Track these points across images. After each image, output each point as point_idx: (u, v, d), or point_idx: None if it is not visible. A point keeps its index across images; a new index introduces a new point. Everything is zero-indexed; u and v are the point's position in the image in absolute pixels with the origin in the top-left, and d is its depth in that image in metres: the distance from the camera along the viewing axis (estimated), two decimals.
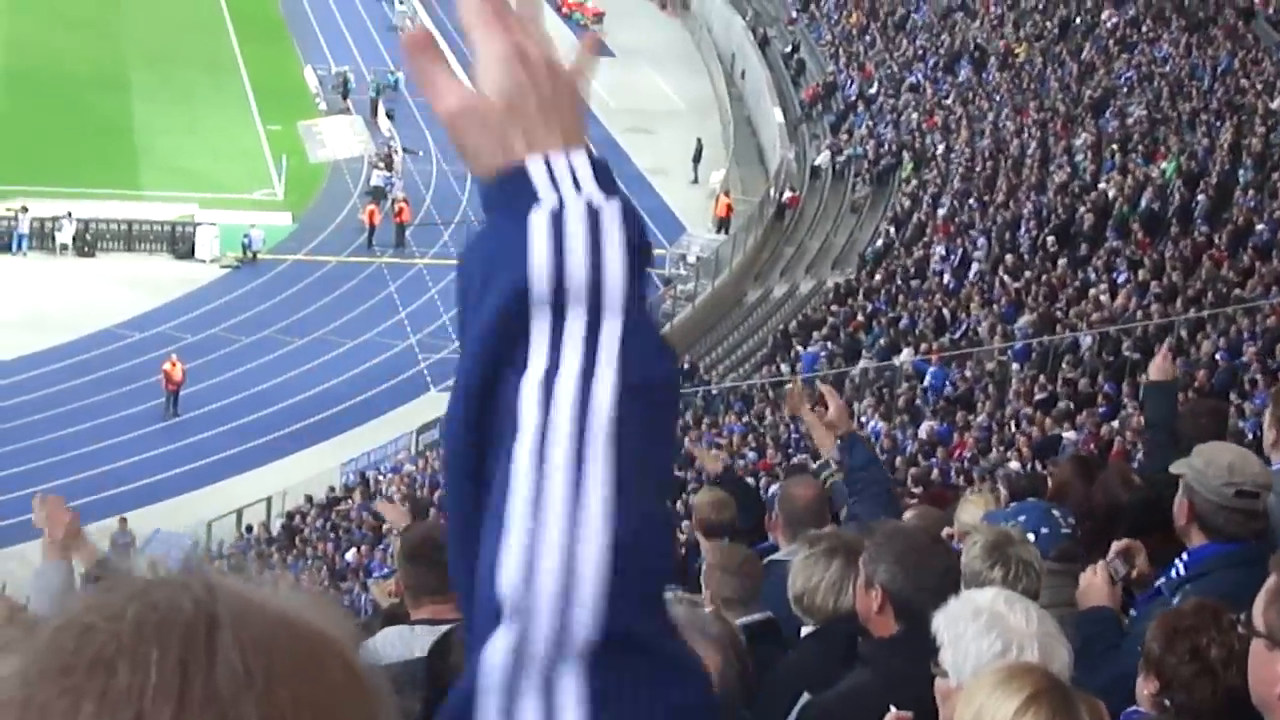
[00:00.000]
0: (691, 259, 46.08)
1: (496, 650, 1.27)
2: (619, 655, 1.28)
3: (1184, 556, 5.27)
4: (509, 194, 1.48)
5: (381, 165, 52.75)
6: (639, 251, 1.43)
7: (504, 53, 1.59)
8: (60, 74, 56.88)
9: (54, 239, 46.19)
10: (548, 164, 1.48)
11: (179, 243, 47.33)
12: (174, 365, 38.59)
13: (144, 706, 1.05)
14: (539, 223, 1.42)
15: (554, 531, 1.29)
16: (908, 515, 7.75)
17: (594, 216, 1.42)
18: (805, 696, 4.74)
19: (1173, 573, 5.25)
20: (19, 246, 45.86)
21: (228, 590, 1.14)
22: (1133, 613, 5.44)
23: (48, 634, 1.12)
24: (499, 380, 1.38)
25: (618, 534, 1.30)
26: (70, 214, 46.22)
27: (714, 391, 35.32)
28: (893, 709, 4.17)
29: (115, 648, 1.08)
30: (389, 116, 57.32)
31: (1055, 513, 6.17)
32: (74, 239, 46.15)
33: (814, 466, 12.06)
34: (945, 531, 6.82)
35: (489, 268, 1.42)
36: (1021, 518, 6.03)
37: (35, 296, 43.26)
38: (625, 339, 1.38)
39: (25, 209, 45.99)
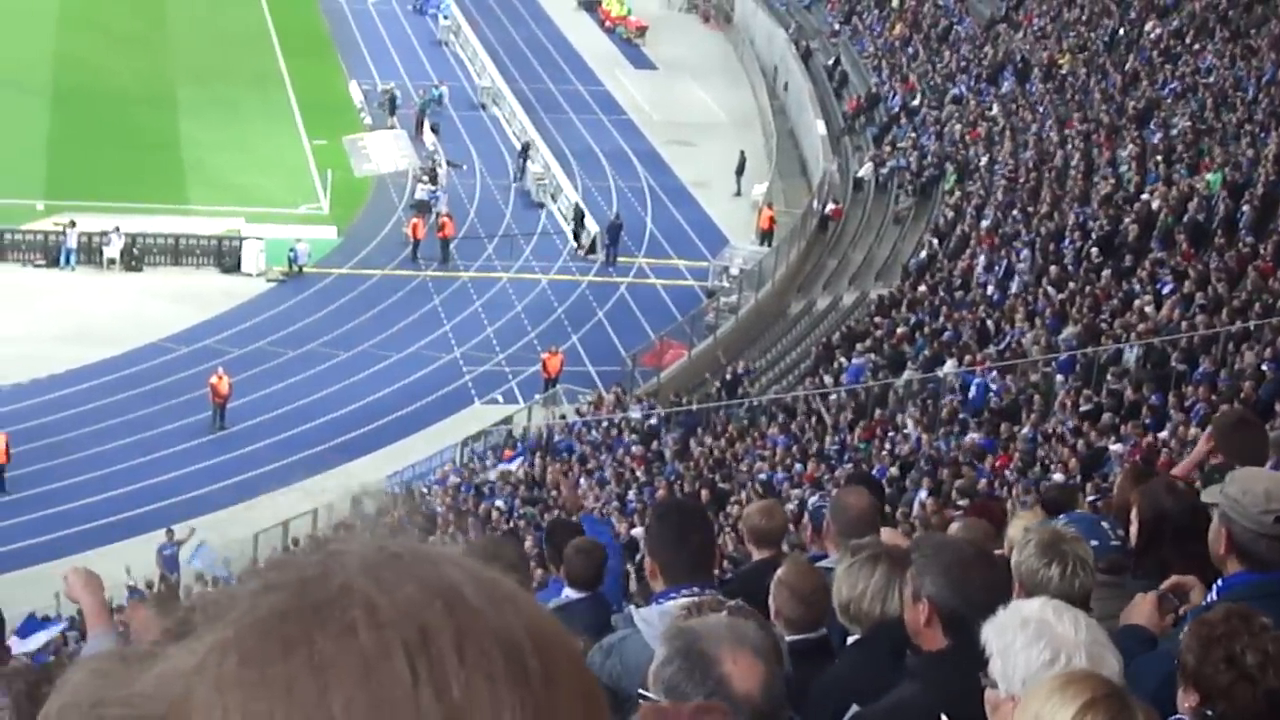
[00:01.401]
0: (735, 271, 46.13)
1: None
2: None
3: (1218, 583, 5.27)
4: None
5: (426, 179, 52.92)
6: None
7: None
8: (108, 90, 57.33)
9: (102, 253, 46.55)
10: None
11: (225, 257, 47.62)
12: (220, 378, 38.83)
13: (421, 619, 1.11)
14: None
15: None
16: (954, 527, 7.79)
17: None
18: (854, 708, 4.77)
19: (1206, 601, 5.24)
20: (67, 261, 46.24)
21: (416, 546, 1.20)
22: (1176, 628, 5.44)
23: (254, 598, 1.15)
24: None
25: None
26: (118, 229, 46.57)
27: (757, 403, 35.34)
28: (943, 717, 4.21)
29: (359, 582, 1.13)
30: (434, 131, 57.53)
31: (1104, 524, 6.17)
32: (122, 253, 46.49)
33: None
34: (998, 551, 6.83)
35: None
36: (1071, 530, 6.03)
37: (83, 310, 43.61)
38: None
39: (73, 224, 46.37)
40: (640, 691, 3.88)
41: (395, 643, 1.10)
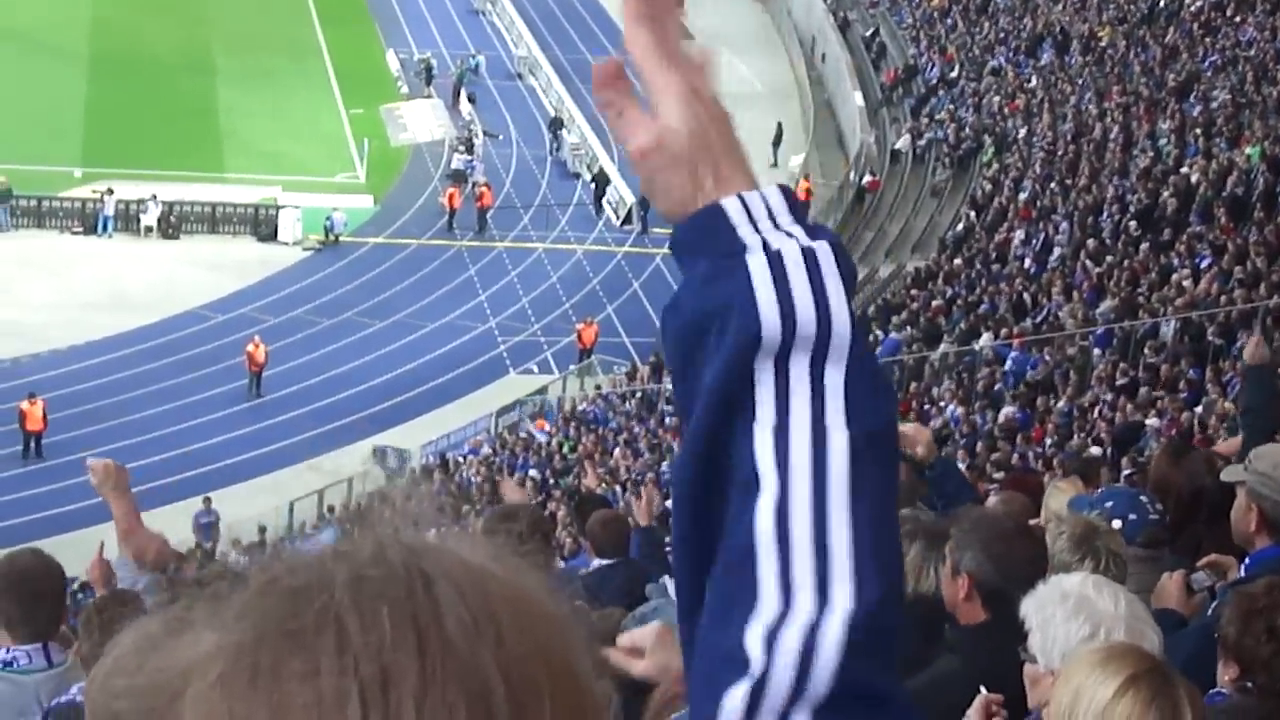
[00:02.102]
0: None
1: (735, 696, 1.30)
2: (853, 704, 1.31)
3: (1246, 561, 5.23)
4: (710, 236, 1.49)
5: (462, 149, 52.95)
6: (851, 290, 1.44)
7: (681, 91, 1.63)
8: (146, 58, 57.47)
9: (139, 221, 46.74)
10: (743, 203, 1.50)
11: (262, 225, 47.75)
12: (257, 347, 38.98)
13: (385, 660, 1.06)
14: (759, 268, 1.43)
15: (801, 612, 1.32)
16: (991, 501, 7.76)
17: (810, 259, 1.43)
18: None
19: (1238, 576, 5.20)
20: (105, 228, 46.45)
21: (426, 546, 1.16)
22: (1215, 602, 5.42)
23: (249, 600, 1.13)
24: (731, 430, 1.39)
25: (860, 605, 1.32)
26: (155, 196, 46.74)
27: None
28: (982, 690, 4.19)
29: (340, 606, 1.09)
30: (470, 100, 57.52)
31: (1143, 498, 6.14)
32: (159, 221, 46.68)
33: None
34: (1033, 521, 6.81)
35: (714, 316, 1.42)
36: (1109, 503, 5.99)
37: (120, 278, 43.82)
38: (850, 385, 1.40)
39: (111, 191, 46.56)
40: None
41: (352, 690, 1.06)
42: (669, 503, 8.42)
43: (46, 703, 5.08)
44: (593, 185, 51.57)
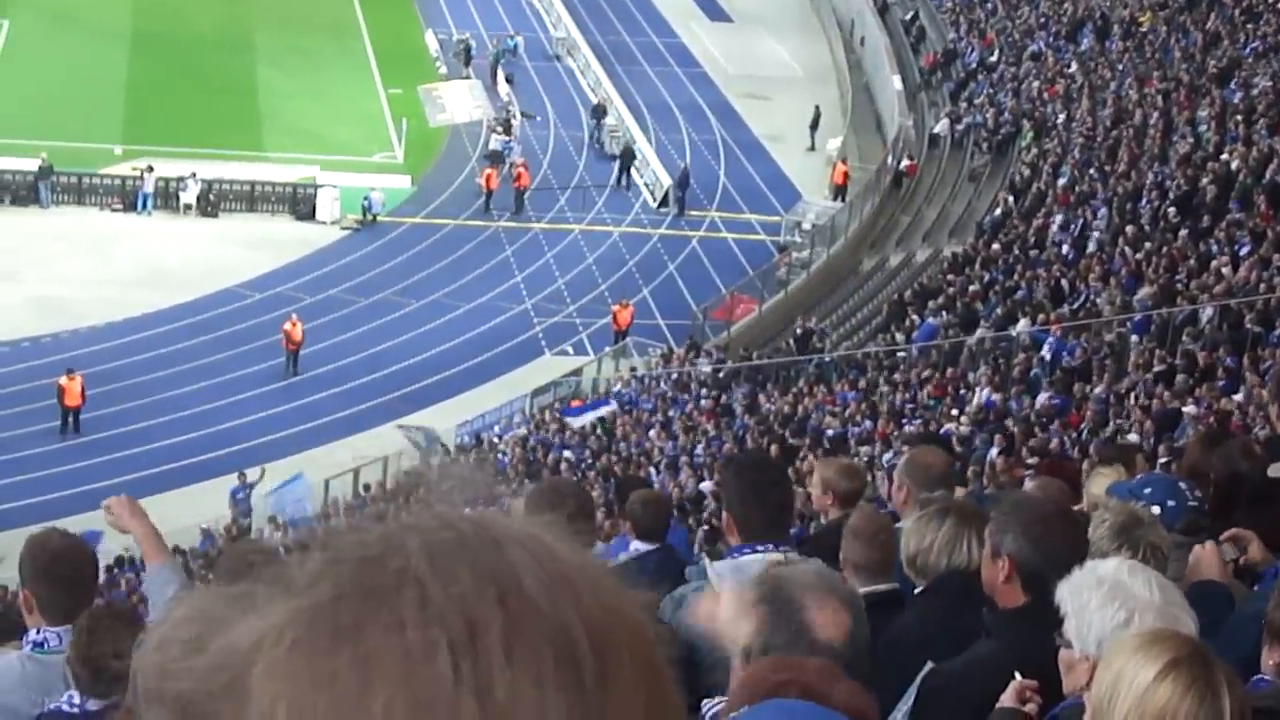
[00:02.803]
0: (807, 226, 45.98)
1: None
2: None
3: None
4: None
5: (500, 130, 52.97)
6: None
7: None
8: (187, 37, 57.63)
9: (178, 199, 46.92)
10: None
11: (300, 204, 47.88)
12: (294, 325, 39.12)
13: (470, 612, 1.08)
14: None
15: None
16: (1029, 486, 7.76)
17: None
18: (928, 665, 4.77)
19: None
20: (144, 206, 46.63)
21: (489, 517, 1.18)
22: (1256, 588, 5.41)
23: (320, 569, 1.15)
24: None
25: None
26: (195, 175, 46.91)
27: (828, 359, 35.27)
28: (1016, 676, 4.21)
29: (417, 568, 1.10)
30: (508, 81, 57.54)
31: (1182, 485, 6.12)
32: (198, 199, 46.84)
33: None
34: (1077, 506, 6.80)
35: None
36: (1148, 490, 5.97)
37: (159, 255, 44.02)
38: None
39: (151, 169, 46.76)
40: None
41: (440, 640, 1.08)
42: (703, 485, 8.48)
43: (72, 683, 5.11)
44: (618, 160, 51.66)
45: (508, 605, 1.09)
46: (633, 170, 51.34)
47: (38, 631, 5.22)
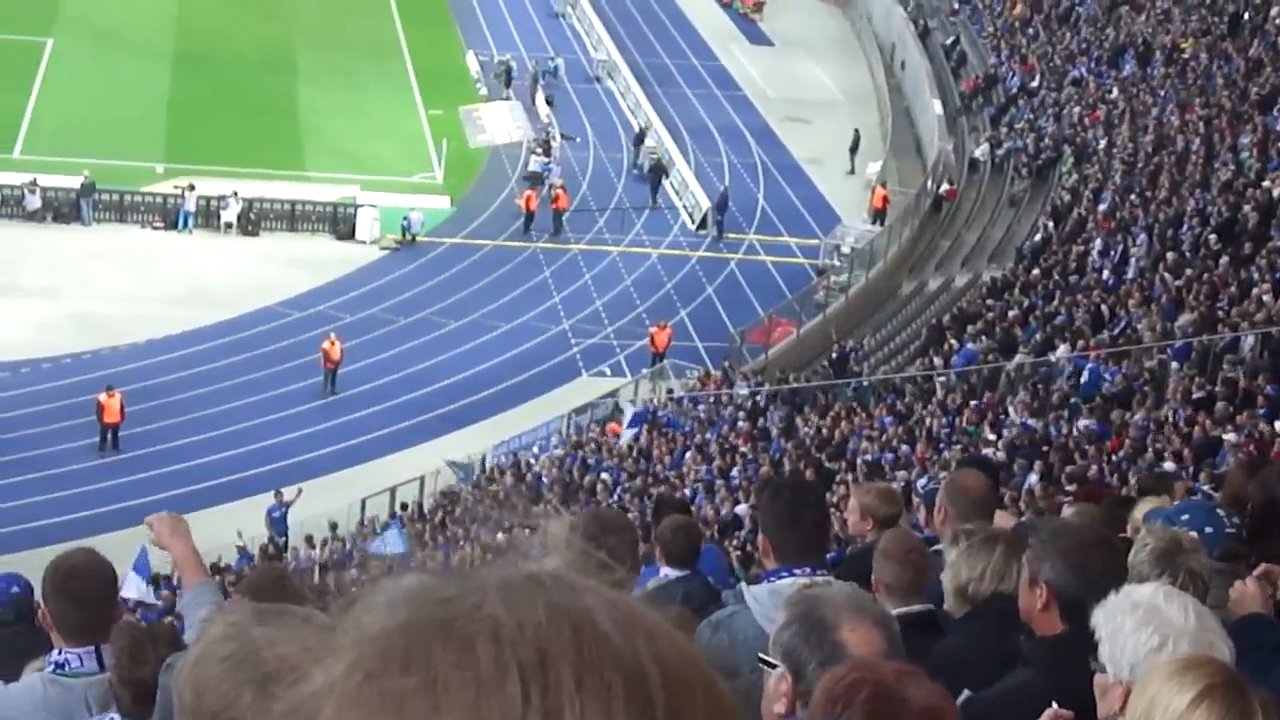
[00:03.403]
0: (846, 250, 45.93)
1: None
2: None
3: None
4: None
5: (540, 151, 53.10)
6: None
7: None
8: (230, 56, 58.00)
9: (219, 217, 47.15)
10: None
11: (340, 224, 48.07)
12: (333, 344, 39.24)
13: (542, 644, 1.11)
14: None
15: None
16: (1066, 513, 7.71)
17: None
18: (965, 693, 4.74)
19: None
20: (185, 224, 46.90)
21: (563, 572, 1.19)
22: None
23: (391, 611, 1.16)
24: None
25: None
26: (236, 193, 47.14)
27: (866, 384, 35.19)
28: (1054, 705, 4.18)
29: (491, 603, 1.13)
30: (548, 103, 57.69)
31: (1220, 512, 6.09)
32: (239, 218, 47.08)
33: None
34: (1121, 535, 6.76)
35: None
36: (1185, 516, 5.94)
37: (199, 273, 44.26)
38: None
39: (192, 187, 47.02)
40: (760, 655, 3.91)
41: (511, 664, 1.08)
42: (739, 509, 8.43)
43: (95, 707, 5.05)
44: (649, 176, 51.89)
45: (581, 638, 1.09)
46: (665, 185, 51.56)
47: (59, 652, 5.16)
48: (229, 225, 47.07)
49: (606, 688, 1.08)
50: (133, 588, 22.30)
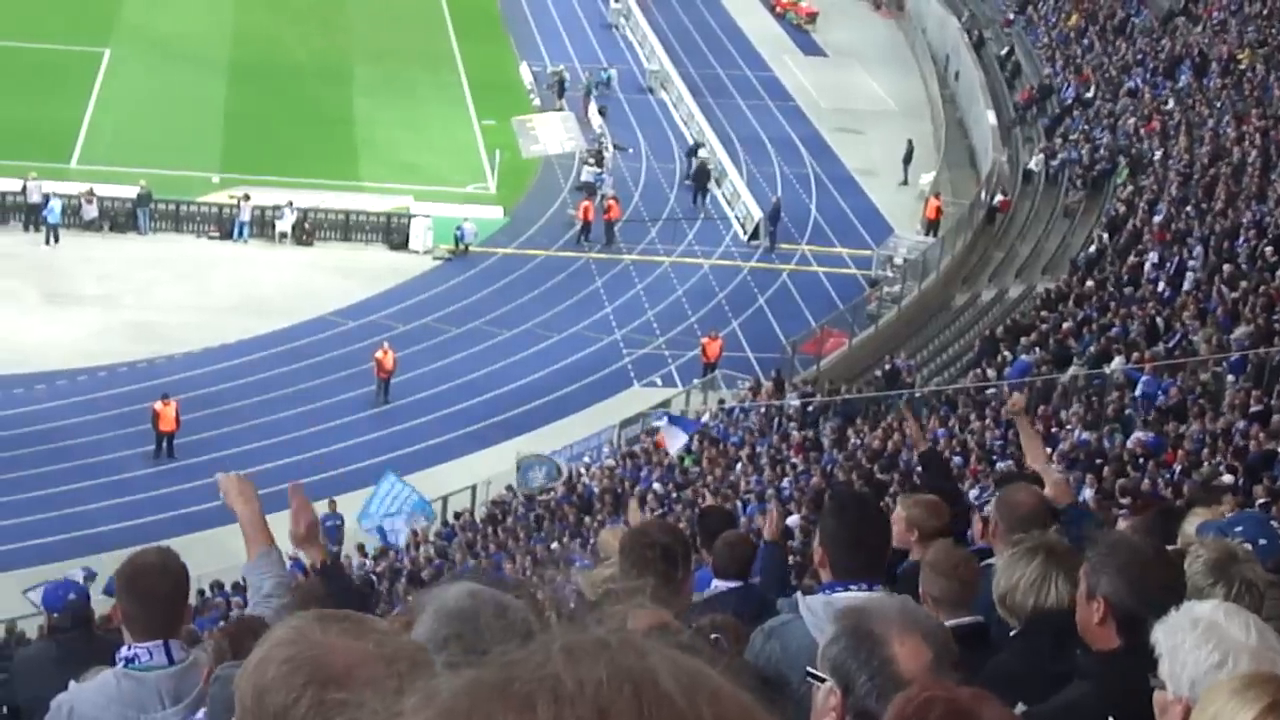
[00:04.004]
0: (899, 261, 45.79)
1: None
2: None
3: None
4: None
5: (592, 161, 53.19)
6: None
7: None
8: (285, 67, 58.39)
9: (274, 227, 47.41)
10: None
11: (394, 234, 48.26)
12: (386, 353, 39.39)
13: (602, 704, 1.12)
14: None
15: None
16: (1120, 527, 7.68)
17: None
18: (1021, 707, 4.71)
19: None
20: (240, 234, 47.18)
21: (634, 634, 1.20)
22: None
23: (464, 673, 1.18)
24: None
25: None
26: (291, 203, 47.40)
27: (918, 395, 35.07)
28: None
29: (556, 665, 1.14)
30: (601, 113, 57.78)
31: (1274, 524, 6.04)
32: (293, 228, 47.32)
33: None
34: (1171, 547, 6.73)
35: None
36: (1239, 528, 5.91)
37: (254, 282, 44.51)
38: None
39: (248, 197, 47.31)
40: (808, 670, 3.90)
41: None
42: (789, 520, 8.40)
43: (168, 700, 5.16)
44: (690, 182, 52.04)
45: (642, 698, 1.10)
46: (712, 189, 51.72)
47: (129, 648, 5.27)
48: (284, 235, 47.32)
49: None
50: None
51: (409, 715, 1.18)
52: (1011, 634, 5.49)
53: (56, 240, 45.34)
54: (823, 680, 3.80)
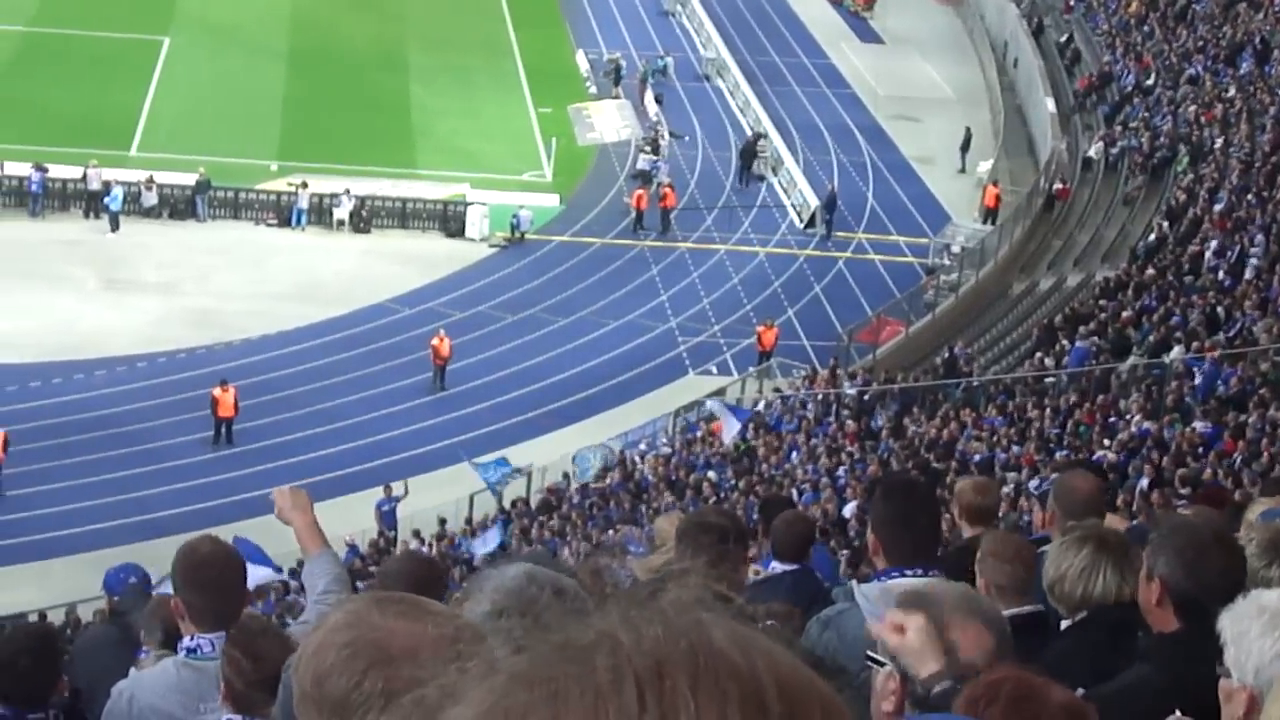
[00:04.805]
0: (956, 249, 45.59)
1: None
2: None
3: None
4: None
5: (648, 149, 53.17)
6: None
7: None
8: (343, 55, 58.63)
9: (332, 215, 47.65)
10: None
11: (450, 221, 48.42)
12: (442, 340, 39.52)
13: (659, 656, 1.15)
14: None
15: None
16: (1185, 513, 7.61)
17: None
18: (1079, 691, 4.69)
19: None
20: (298, 221, 47.44)
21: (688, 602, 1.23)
22: None
23: (524, 644, 1.20)
24: None
25: None
26: (348, 191, 47.62)
27: (975, 384, 34.90)
28: (1177, 713, 4.13)
29: (611, 628, 1.17)
30: (657, 101, 57.75)
31: None
32: (351, 215, 47.55)
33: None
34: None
35: None
36: None
37: (312, 270, 44.73)
38: None
39: (305, 185, 47.57)
40: (868, 654, 3.89)
41: (627, 674, 1.12)
42: (845, 509, 8.40)
43: None
44: (739, 160, 52.12)
45: (696, 650, 1.13)
46: (762, 171, 51.81)
47: (191, 638, 5.29)
48: (341, 222, 47.55)
49: (722, 694, 1.11)
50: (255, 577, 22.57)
51: (474, 682, 1.20)
52: (1063, 625, 5.47)
53: (117, 227, 45.68)
54: (882, 664, 3.80)
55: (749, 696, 1.11)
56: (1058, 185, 47.89)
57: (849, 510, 25.74)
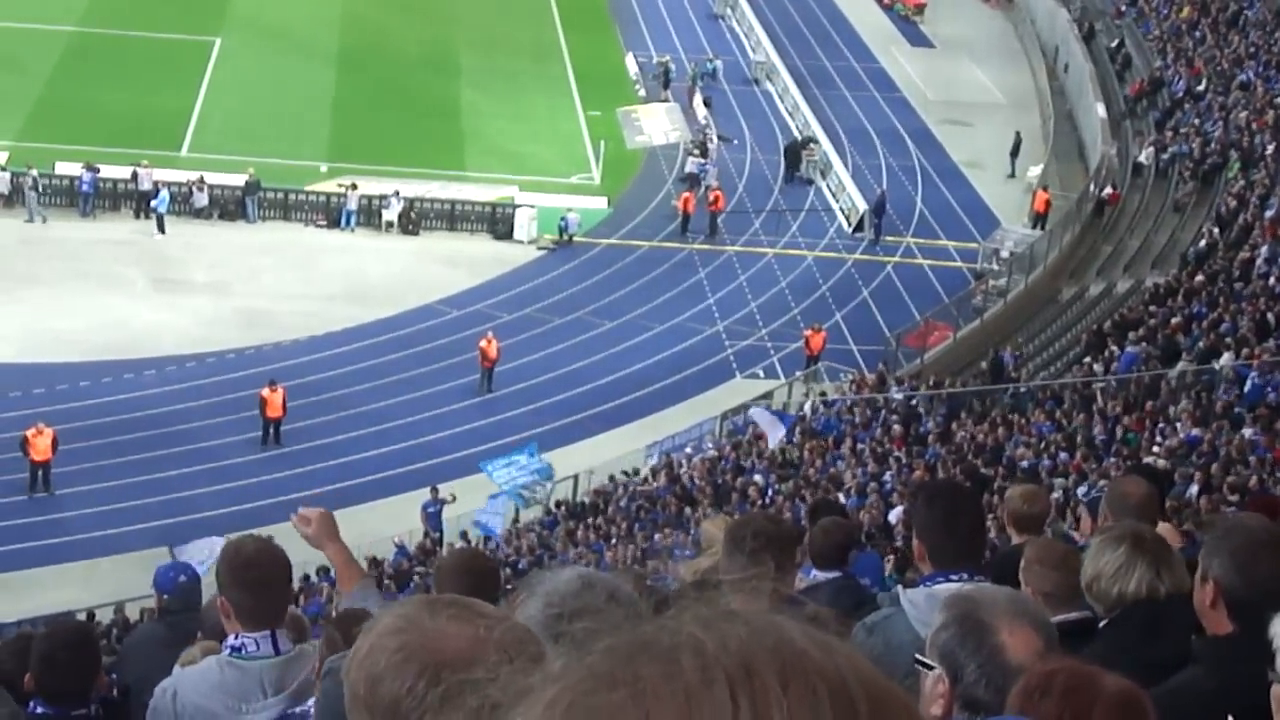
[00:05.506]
0: (1005, 254, 45.39)
1: None
2: None
3: None
4: None
5: (697, 152, 53.15)
6: None
7: None
8: (393, 57, 58.83)
9: (381, 216, 47.81)
10: None
11: (498, 224, 48.51)
12: (489, 342, 39.60)
13: (746, 657, 1.16)
14: None
15: None
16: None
17: None
18: None
19: None
20: (348, 223, 47.62)
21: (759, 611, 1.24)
22: None
23: (595, 641, 1.22)
24: None
25: None
26: (397, 193, 47.77)
27: (1024, 389, 34.75)
28: (1229, 718, 4.11)
29: (691, 631, 1.18)
30: (706, 104, 57.72)
31: None
32: (399, 217, 47.69)
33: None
34: None
35: None
36: None
37: (361, 271, 44.89)
38: None
39: (355, 186, 47.74)
40: (916, 657, 3.89)
41: (718, 674, 1.13)
42: (892, 514, 8.39)
43: (270, 690, 5.20)
44: (783, 159, 52.10)
45: (782, 651, 1.14)
46: (808, 174, 51.78)
47: (235, 637, 5.30)
48: (390, 224, 47.71)
49: (812, 692, 1.12)
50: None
51: (549, 683, 1.20)
52: (1100, 624, 5.46)
53: (163, 229, 45.87)
54: (931, 668, 3.80)
55: (838, 694, 1.13)
56: (1108, 191, 47.65)
57: (895, 515, 25.66)
